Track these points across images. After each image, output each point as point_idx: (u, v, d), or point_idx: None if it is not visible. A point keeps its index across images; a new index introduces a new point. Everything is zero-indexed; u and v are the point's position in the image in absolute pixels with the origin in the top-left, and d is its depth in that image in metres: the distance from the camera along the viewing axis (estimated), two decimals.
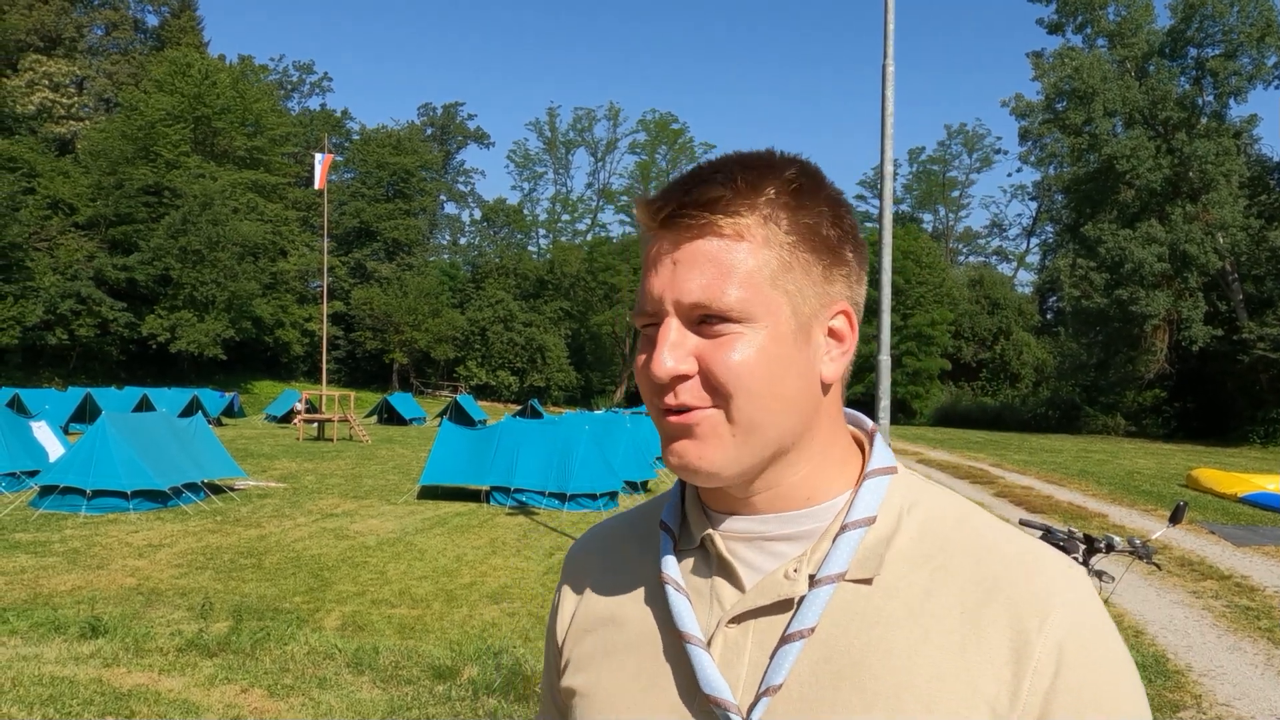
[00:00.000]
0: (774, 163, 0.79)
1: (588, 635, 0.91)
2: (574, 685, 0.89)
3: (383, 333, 62.47)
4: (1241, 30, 36.00)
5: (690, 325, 0.77)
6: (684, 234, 0.77)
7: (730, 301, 0.75)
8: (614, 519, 1.02)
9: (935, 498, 0.83)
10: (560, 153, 79.46)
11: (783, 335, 0.76)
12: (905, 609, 0.76)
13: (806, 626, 0.76)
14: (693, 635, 0.80)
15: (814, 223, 0.78)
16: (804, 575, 0.78)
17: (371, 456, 24.55)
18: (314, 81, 78.74)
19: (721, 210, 0.76)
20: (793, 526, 0.81)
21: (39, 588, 9.29)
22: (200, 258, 47.88)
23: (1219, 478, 17.20)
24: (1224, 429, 36.12)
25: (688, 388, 0.76)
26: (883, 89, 9.37)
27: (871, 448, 0.85)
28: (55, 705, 5.41)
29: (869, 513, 0.79)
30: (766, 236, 0.76)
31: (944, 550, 0.78)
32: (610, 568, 0.94)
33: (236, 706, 5.53)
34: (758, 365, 0.75)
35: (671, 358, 0.75)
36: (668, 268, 0.77)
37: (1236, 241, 35.79)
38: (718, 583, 0.82)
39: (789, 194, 0.78)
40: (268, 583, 9.83)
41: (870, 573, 0.77)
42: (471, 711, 5.57)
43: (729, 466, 0.77)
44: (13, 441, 16.10)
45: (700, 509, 0.87)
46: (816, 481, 0.82)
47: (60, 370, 45.95)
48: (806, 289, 0.78)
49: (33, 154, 46.98)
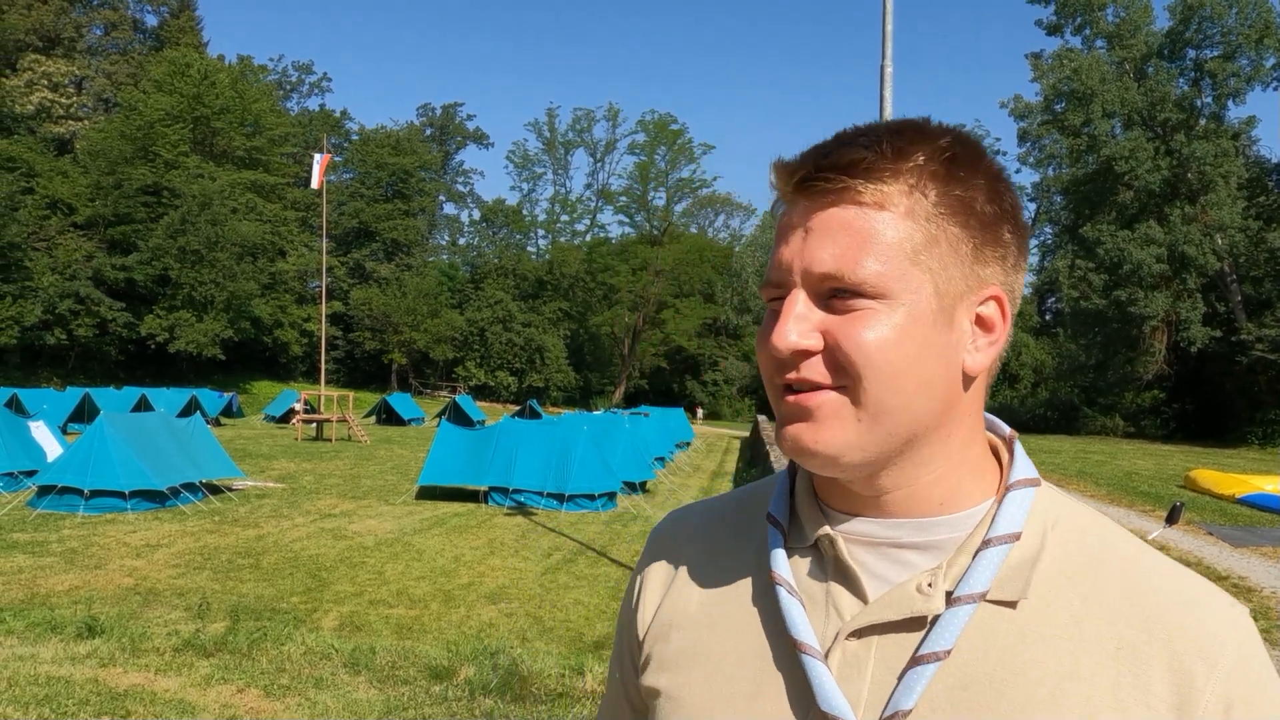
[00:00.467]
0: (927, 129, 0.72)
1: (676, 631, 0.83)
2: (659, 685, 0.82)
3: (381, 333, 62.46)
4: (1240, 32, 36.05)
5: (819, 299, 0.70)
6: (819, 200, 0.71)
7: (865, 274, 0.68)
8: (705, 502, 0.94)
9: (1077, 514, 0.76)
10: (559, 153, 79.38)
11: (921, 316, 0.69)
12: (1053, 638, 0.69)
13: (942, 649, 0.69)
14: (809, 645, 0.72)
15: (967, 196, 0.71)
16: (940, 591, 0.71)
17: (370, 457, 24.54)
18: (313, 82, 78.74)
19: (862, 175, 0.69)
20: (925, 535, 0.74)
21: (36, 588, 9.28)
22: (199, 258, 47.88)
23: (1217, 479, 17.21)
24: (1222, 430, 36.15)
25: (811, 364, 0.70)
26: (881, 90, 9.37)
27: (1012, 455, 0.78)
28: (51, 705, 5.40)
29: (1014, 528, 0.72)
30: (911, 207, 0.70)
31: (1093, 575, 0.72)
32: (705, 559, 0.86)
33: (232, 706, 5.52)
34: (891, 345, 0.68)
35: (795, 331, 0.69)
36: (799, 236, 0.71)
37: (1235, 243, 35.83)
38: (835, 589, 0.75)
39: (940, 163, 0.70)
40: (265, 583, 9.82)
41: (1015, 595, 0.70)
42: (468, 711, 5.57)
43: (849, 452, 0.70)
44: (11, 441, 16.09)
45: (815, 505, 0.80)
46: (952, 486, 0.74)
47: (59, 370, 45.94)
48: (953, 268, 0.71)
49: (31, 154, 46.99)
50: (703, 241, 76.62)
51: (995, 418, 0.82)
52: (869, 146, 0.70)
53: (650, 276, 70.02)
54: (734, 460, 29.18)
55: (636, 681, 0.88)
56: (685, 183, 76.33)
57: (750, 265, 72.05)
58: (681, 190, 76.74)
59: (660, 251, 71.05)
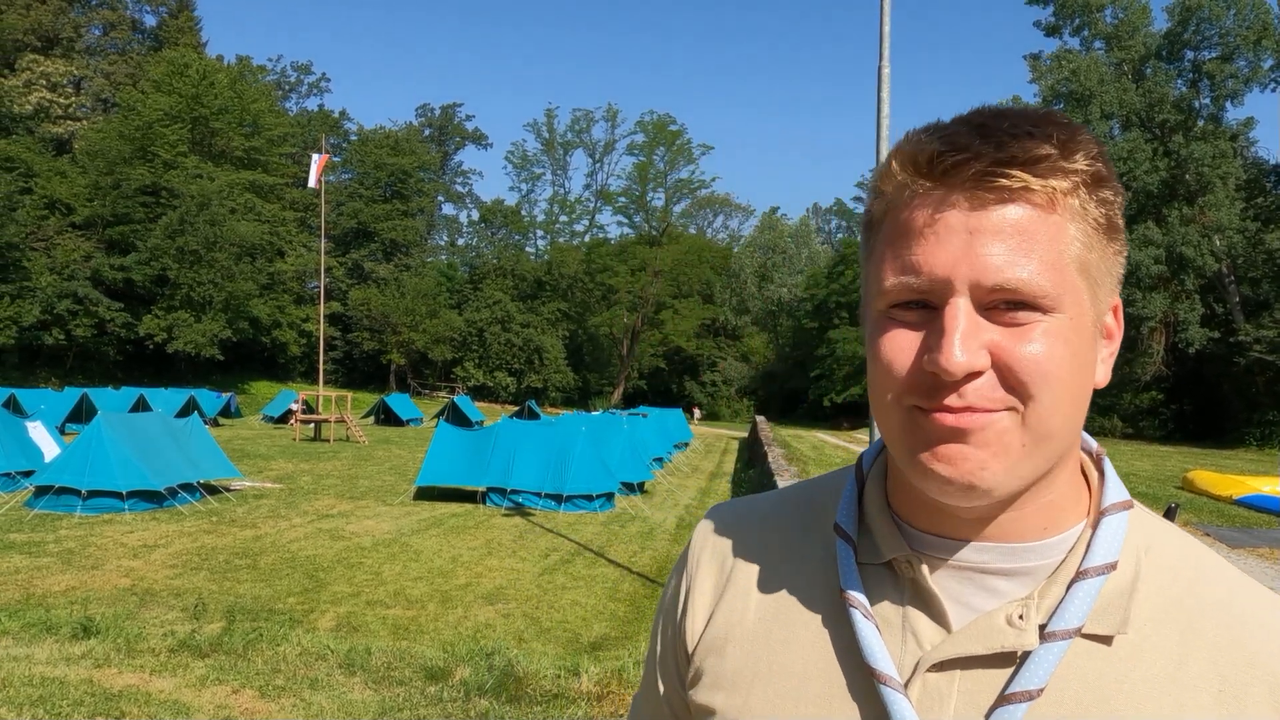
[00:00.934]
0: (1076, 126, 0.65)
1: (731, 646, 0.77)
2: (713, 704, 0.76)
3: (380, 333, 62.45)
4: (1238, 33, 36.11)
5: (980, 310, 0.62)
6: (985, 196, 0.62)
7: (1044, 286, 0.61)
8: (759, 502, 0.86)
9: (1170, 539, 0.71)
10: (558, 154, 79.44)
11: (1084, 330, 0.64)
12: (1153, 677, 0.64)
13: (1034, 687, 0.63)
14: (889, 676, 0.67)
15: (1113, 199, 0.66)
16: (1033, 624, 0.65)
17: (368, 457, 24.52)
18: (312, 82, 78.73)
19: (1042, 172, 0.62)
20: (1016, 561, 0.68)
21: (32, 588, 9.27)
22: (197, 258, 47.86)
23: (1215, 480, 17.21)
24: (1221, 431, 36.18)
25: (979, 385, 0.62)
26: (878, 91, 9.37)
27: (1103, 476, 0.72)
28: (45, 706, 5.38)
29: (1110, 557, 0.66)
30: (1075, 210, 0.63)
31: (1190, 608, 0.67)
32: (764, 567, 0.79)
33: (227, 707, 5.51)
34: (1065, 364, 0.62)
35: (964, 350, 0.61)
36: (960, 237, 0.62)
37: (1233, 244, 35.87)
38: (913, 615, 0.69)
39: (1099, 161, 0.64)
40: (262, 583, 9.81)
41: (1112, 629, 0.65)
42: (463, 712, 5.56)
43: (1007, 483, 0.63)
44: (8, 441, 16.07)
45: (890, 519, 0.73)
46: (1058, 510, 0.68)
47: (57, 370, 45.91)
48: (1104, 276, 0.66)
49: (30, 154, 46.97)
50: (701, 242, 76.71)
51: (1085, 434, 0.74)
52: (1047, 140, 0.62)
53: (649, 277, 70.04)
54: (732, 461, 29.18)
55: (684, 695, 0.82)
56: (684, 183, 76.41)
57: (749, 266, 72.12)
58: (680, 191, 76.82)
59: (659, 252, 71.08)
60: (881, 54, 9.29)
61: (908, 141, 0.66)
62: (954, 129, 0.65)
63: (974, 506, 0.66)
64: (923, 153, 0.64)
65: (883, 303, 0.66)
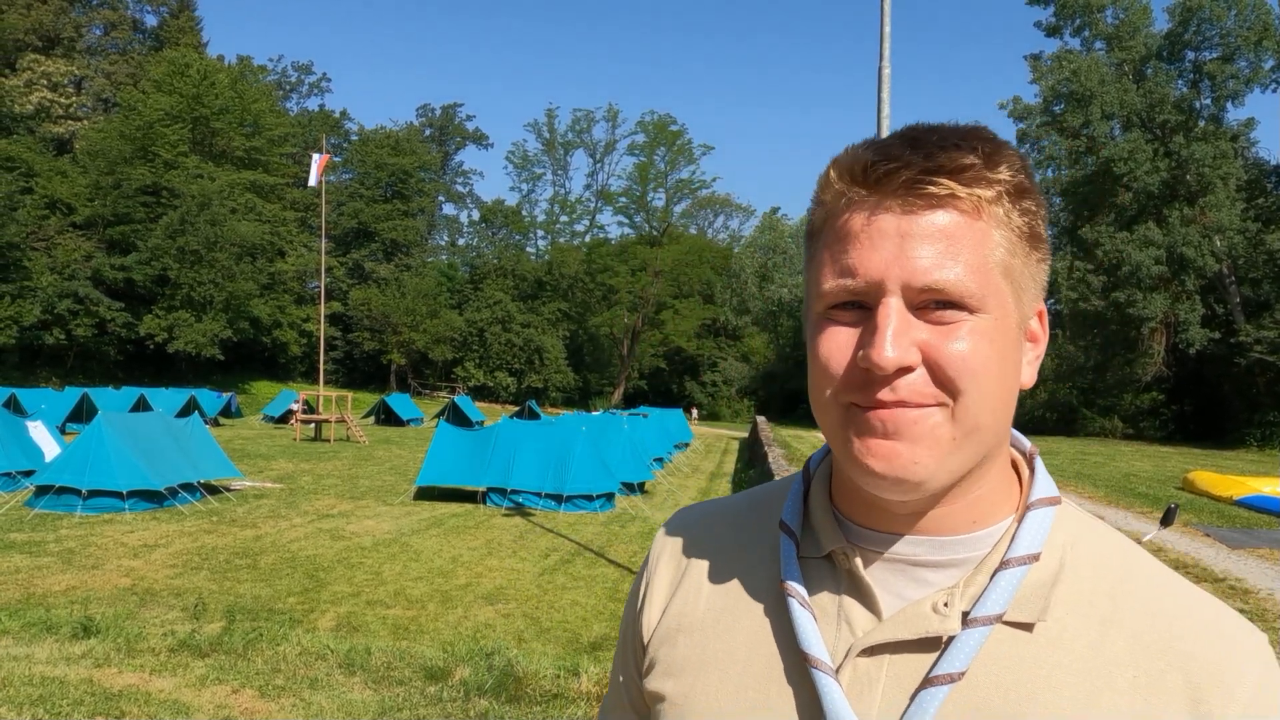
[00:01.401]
0: (1000, 140, 0.69)
1: (682, 636, 0.82)
2: (663, 690, 0.81)
3: (380, 333, 62.46)
4: (1239, 34, 36.10)
5: (913, 310, 0.66)
6: (915, 203, 0.66)
7: (970, 286, 0.65)
8: (716, 504, 0.91)
9: (1097, 534, 0.75)
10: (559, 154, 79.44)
11: (1009, 330, 0.68)
12: (1071, 663, 0.68)
13: (956, 670, 0.67)
14: (820, 660, 0.71)
15: (1035, 210, 0.69)
16: (956, 611, 0.69)
17: (368, 457, 24.53)
18: (312, 82, 78.73)
19: (967, 181, 0.66)
20: (946, 554, 0.72)
21: (32, 588, 9.27)
22: (198, 258, 47.87)
23: (1215, 480, 17.21)
24: (1221, 432, 36.17)
25: (910, 381, 0.66)
26: (879, 91, 9.37)
27: (1033, 472, 0.76)
28: (45, 705, 5.39)
29: (1033, 549, 0.70)
30: (999, 217, 0.67)
31: (1112, 599, 0.70)
32: (715, 563, 0.84)
33: (227, 707, 5.51)
34: (990, 361, 0.66)
35: (895, 347, 0.65)
36: (892, 241, 0.66)
37: (1234, 244, 35.86)
38: (848, 604, 0.73)
39: (1022, 174, 0.68)
40: (263, 583, 9.81)
41: (1032, 617, 0.69)
42: (462, 712, 5.56)
43: (939, 476, 0.67)
44: (9, 441, 16.07)
45: (832, 516, 0.77)
46: (988, 504, 0.72)
47: (57, 370, 45.91)
48: (1027, 280, 0.70)
49: (31, 154, 46.98)
50: (702, 242, 76.71)
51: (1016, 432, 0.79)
52: (972, 151, 0.67)
53: (649, 277, 70.05)
54: (733, 461, 29.18)
55: (640, 684, 0.86)
56: (684, 184, 76.41)
57: (749, 266, 72.08)
58: (681, 191, 76.82)
59: (659, 252, 71.10)
60: (882, 54, 9.30)
61: (845, 154, 0.70)
62: (888, 141, 0.69)
63: (907, 500, 0.70)
64: (858, 163, 0.68)
65: (821, 305, 0.70)
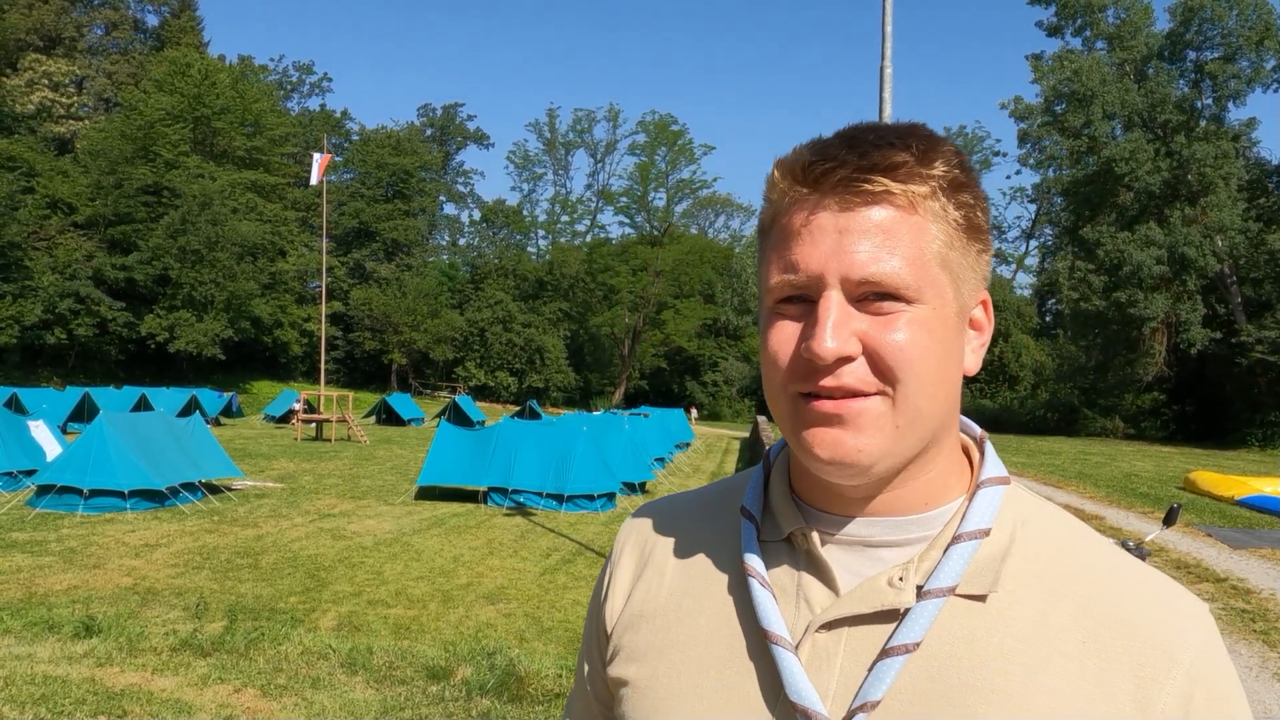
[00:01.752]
0: (938, 137, 0.73)
1: (644, 622, 0.83)
2: (626, 675, 0.82)
3: (381, 333, 62.46)
4: (1240, 33, 36.06)
5: (852, 302, 0.70)
6: (853, 200, 0.69)
7: (905, 278, 0.68)
8: (679, 496, 0.94)
9: (1047, 513, 0.78)
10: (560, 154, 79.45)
11: (947, 319, 0.71)
12: (1021, 632, 0.70)
13: (911, 641, 0.70)
14: (779, 636, 0.73)
15: (973, 203, 0.73)
16: (910, 585, 0.72)
17: (369, 457, 24.53)
18: (314, 82, 78.75)
19: (902, 178, 0.69)
20: (900, 533, 0.75)
21: (34, 587, 9.27)
22: (199, 258, 47.88)
23: (1216, 480, 17.20)
24: (1222, 432, 36.13)
25: (851, 370, 0.69)
26: (880, 90, 9.37)
27: (983, 455, 0.79)
28: (47, 704, 5.39)
29: (983, 524, 0.73)
30: (936, 211, 0.71)
31: (1060, 572, 0.73)
32: (677, 550, 0.86)
33: (229, 706, 5.52)
34: (927, 349, 0.69)
35: (835, 337, 0.68)
36: (831, 237, 0.69)
37: (1235, 244, 35.83)
38: (807, 581, 0.76)
39: (958, 169, 0.72)
40: (264, 583, 9.81)
41: (983, 589, 0.72)
42: (464, 712, 5.56)
43: (884, 460, 0.70)
44: (10, 441, 16.09)
45: (791, 500, 0.80)
46: (938, 486, 0.76)
47: (59, 370, 45.93)
48: (966, 271, 0.73)
49: (32, 153, 46.99)
50: (703, 242, 76.66)
51: (966, 419, 0.82)
52: (904, 149, 0.70)
53: (650, 277, 70.04)
54: (734, 461, 29.18)
55: (604, 673, 0.87)
56: (685, 183, 76.38)
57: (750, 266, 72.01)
58: (682, 191, 76.79)
59: (660, 252, 71.07)
60: (884, 54, 9.30)
61: (789, 154, 0.74)
62: (828, 141, 0.72)
63: (857, 485, 0.73)
64: (799, 163, 0.71)
65: (770, 299, 0.73)
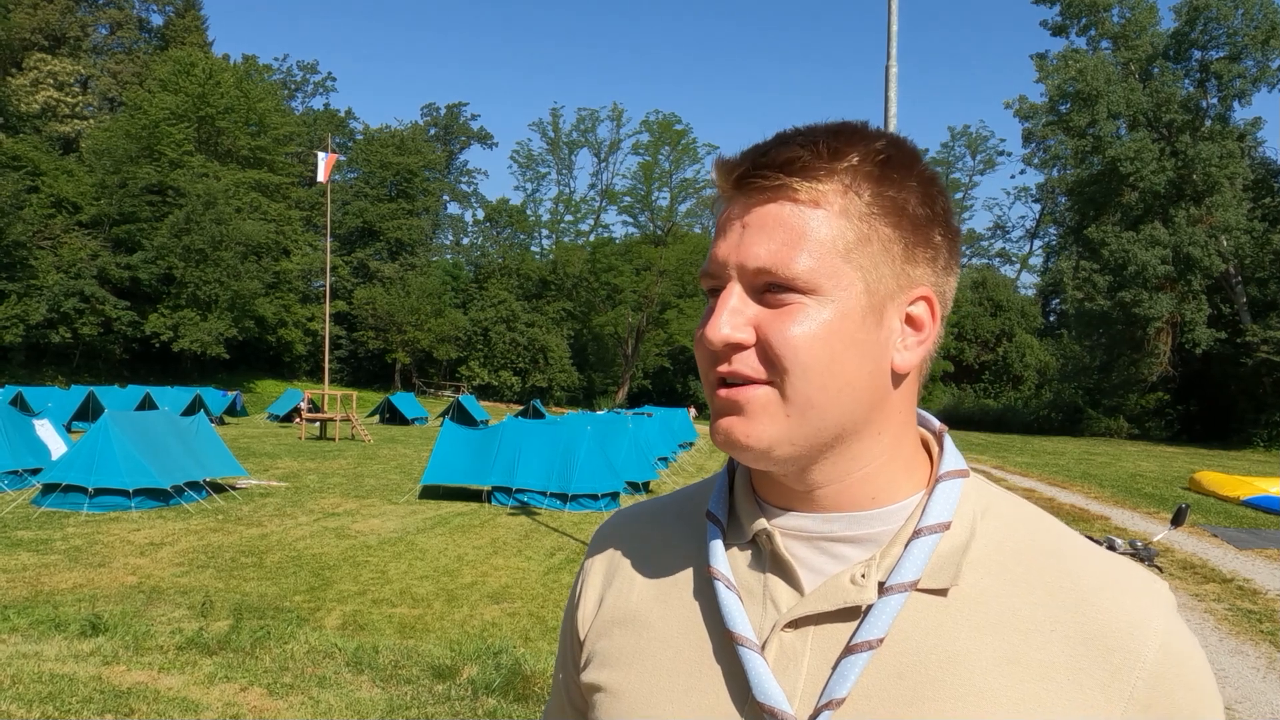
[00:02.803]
0: (864, 132, 0.74)
1: (616, 628, 0.84)
2: (598, 681, 0.83)
3: (385, 332, 62.52)
4: (1246, 33, 35.99)
5: (754, 293, 0.72)
6: (756, 196, 0.72)
7: (798, 270, 0.70)
8: (648, 503, 0.95)
9: (1007, 504, 0.78)
10: (563, 153, 79.48)
11: (850, 313, 0.71)
12: (985, 624, 0.71)
13: (875, 637, 0.70)
14: (745, 637, 0.74)
15: (900, 198, 0.72)
16: (873, 581, 0.73)
17: (373, 456, 24.56)
18: (318, 81, 78.90)
19: (798, 173, 0.71)
20: (859, 528, 0.75)
21: (40, 585, 9.29)
22: (203, 257, 47.97)
23: (1222, 481, 17.16)
24: (1227, 432, 36.07)
25: (743, 358, 0.72)
26: (885, 90, 9.36)
27: (942, 449, 0.80)
28: (54, 703, 5.40)
29: (944, 518, 0.74)
30: (845, 206, 0.71)
31: (1023, 561, 0.73)
32: (646, 556, 0.87)
33: (235, 705, 5.52)
34: (818, 341, 0.70)
35: (728, 324, 0.71)
36: (736, 231, 0.73)
37: (1240, 244, 35.76)
38: (772, 582, 0.77)
39: (875, 164, 0.72)
40: (269, 581, 9.82)
41: (946, 582, 0.72)
42: (470, 711, 5.56)
43: (779, 446, 0.72)
44: (15, 439, 16.12)
45: (753, 500, 0.81)
46: (884, 480, 0.76)
47: (63, 368, 46.03)
48: (884, 267, 0.72)
49: (37, 153, 47.08)
50: (706, 242, 76.41)
51: (926, 413, 0.83)
52: (806, 146, 0.72)
53: (654, 276, 70.03)
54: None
55: (578, 680, 0.88)
56: (689, 183, 76.31)
57: None
58: (685, 190, 76.72)
59: (664, 251, 71.07)
60: (889, 53, 9.29)
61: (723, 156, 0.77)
62: (756, 143, 0.75)
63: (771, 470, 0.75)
64: (724, 164, 0.75)
65: (703, 287, 0.76)
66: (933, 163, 56.24)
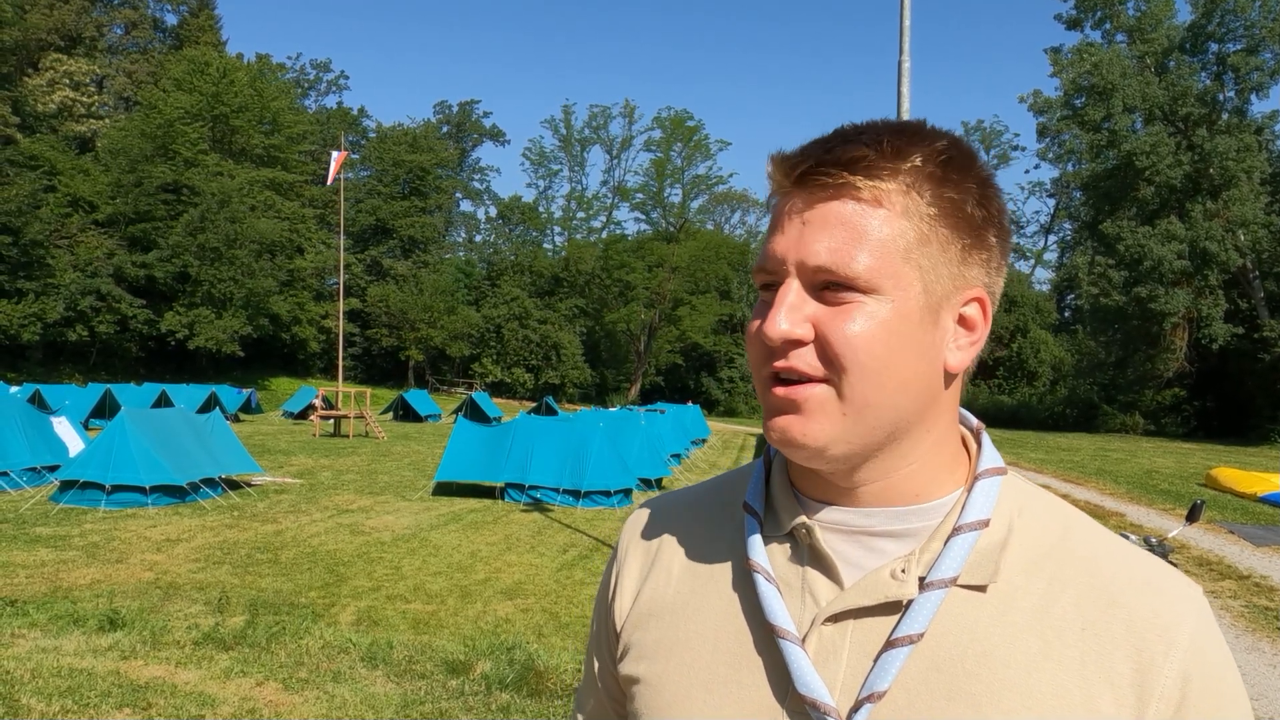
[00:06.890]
0: (925, 132, 0.75)
1: (654, 620, 0.85)
2: (637, 673, 0.84)
3: (398, 330, 62.74)
4: (1263, 25, 35.63)
5: (812, 290, 0.72)
6: (818, 193, 0.72)
7: (858, 269, 0.70)
8: (681, 493, 0.95)
9: (1043, 502, 0.79)
10: (575, 150, 79.40)
11: (909, 313, 0.71)
12: (1022, 620, 0.72)
13: (915, 632, 0.71)
14: (786, 630, 0.74)
15: (959, 199, 0.73)
16: (913, 577, 0.73)
17: (387, 453, 24.66)
18: (330, 79, 79.14)
19: (862, 172, 0.71)
20: (900, 524, 0.76)
21: (59, 581, 9.39)
22: (218, 255, 48.26)
23: (1238, 477, 17.04)
24: (1244, 428, 35.78)
25: (800, 354, 0.71)
26: (898, 85, 9.33)
27: (980, 446, 0.80)
28: (73, 696, 5.47)
29: (983, 515, 0.74)
30: (906, 206, 0.71)
31: (1057, 560, 0.74)
32: (682, 547, 0.87)
33: (251, 699, 5.57)
34: (877, 340, 0.70)
35: (787, 320, 0.71)
36: (796, 226, 0.72)
37: (1257, 239, 35.45)
38: (811, 576, 0.77)
39: (936, 164, 0.72)
40: (283, 577, 9.89)
41: (985, 579, 0.73)
42: (484, 706, 5.59)
43: (835, 445, 0.72)
44: (34, 436, 16.27)
45: (791, 494, 0.81)
46: (928, 477, 0.77)
47: (80, 366, 46.41)
48: (941, 267, 0.72)
49: (53, 152, 47.44)
50: (719, 238, 76.49)
51: (964, 410, 0.83)
52: (870, 144, 0.71)
53: (666, 273, 69.97)
54: (750, 457, 29.10)
55: (614, 670, 0.89)
56: (701, 179, 76.22)
57: None
58: (698, 187, 76.63)
59: (676, 248, 71.00)
60: (902, 48, 9.25)
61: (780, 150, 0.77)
62: (816, 138, 0.75)
63: (823, 468, 0.75)
64: (785, 159, 0.75)
65: (756, 283, 0.76)
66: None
